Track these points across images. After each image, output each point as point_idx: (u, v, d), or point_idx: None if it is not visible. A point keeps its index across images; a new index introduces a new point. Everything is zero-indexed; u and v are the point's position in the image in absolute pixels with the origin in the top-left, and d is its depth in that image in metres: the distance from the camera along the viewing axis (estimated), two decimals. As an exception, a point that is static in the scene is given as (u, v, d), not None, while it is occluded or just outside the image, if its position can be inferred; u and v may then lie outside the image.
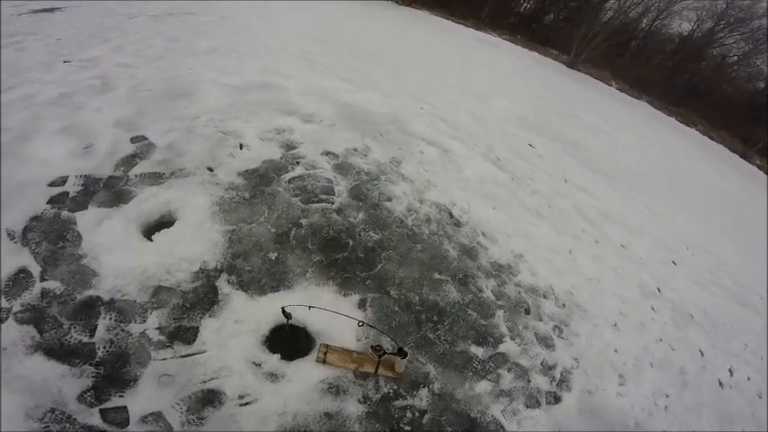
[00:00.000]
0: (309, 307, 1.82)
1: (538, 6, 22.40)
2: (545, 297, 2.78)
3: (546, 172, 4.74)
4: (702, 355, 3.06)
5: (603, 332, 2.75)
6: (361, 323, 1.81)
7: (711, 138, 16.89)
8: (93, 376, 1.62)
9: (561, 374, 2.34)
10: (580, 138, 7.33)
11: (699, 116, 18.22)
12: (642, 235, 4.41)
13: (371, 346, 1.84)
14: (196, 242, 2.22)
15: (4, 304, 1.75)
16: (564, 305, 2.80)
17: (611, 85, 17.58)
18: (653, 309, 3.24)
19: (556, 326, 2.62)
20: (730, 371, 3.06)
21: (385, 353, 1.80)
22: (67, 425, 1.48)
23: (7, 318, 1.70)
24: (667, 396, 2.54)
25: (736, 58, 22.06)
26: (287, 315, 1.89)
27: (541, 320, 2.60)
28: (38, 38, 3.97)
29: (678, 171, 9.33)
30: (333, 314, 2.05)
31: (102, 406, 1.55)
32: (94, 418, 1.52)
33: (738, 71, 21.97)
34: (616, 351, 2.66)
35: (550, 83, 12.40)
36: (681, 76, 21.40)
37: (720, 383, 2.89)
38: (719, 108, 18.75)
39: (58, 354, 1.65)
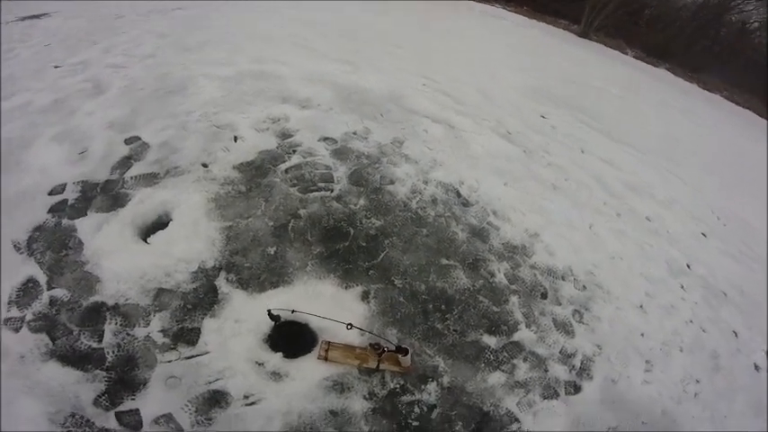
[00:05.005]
0: (292, 311, 1.75)
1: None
2: (563, 279, 2.61)
3: (562, 143, 4.48)
4: (737, 336, 2.83)
5: (628, 315, 2.56)
6: (349, 326, 1.71)
7: (737, 103, 15.96)
8: (105, 380, 1.65)
9: (582, 362, 2.19)
10: (597, 107, 6.93)
11: (723, 82, 17.10)
12: (669, 206, 4.13)
13: (370, 344, 1.74)
14: (193, 241, 2.16)
15: (17, 314, 1.79)
16: (584, 287, 2.62)
17: (626, 54, 16.70)
18: (682, 287, 3.02)
19: (576, 310, 2.46)
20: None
21: (384, 350, 1.71)
22: (87, 429, 1.53)
23: (21, 327, 1.75)
24: (698, 382, 2.36)
25: (756, 24, 20.60)
26: (274, 318, 1.82)
27: (560, 305, 2.44)
28: (27, 45, 3.94)
29: (704, 137, 8.77)
30: (335, 309, 1.99)
31: (117, 409, 1.59)
32: (111, 422, 1.56)
33: (761, 37, 20.48)
34: (642, 335, 2.48)
35: (561, 53, 11.77)
36: (700, 42, 20.08)
37: (756, 367, 2.69)
38: (744, 73, 17.58)
39: (71, 360, 1.69)
